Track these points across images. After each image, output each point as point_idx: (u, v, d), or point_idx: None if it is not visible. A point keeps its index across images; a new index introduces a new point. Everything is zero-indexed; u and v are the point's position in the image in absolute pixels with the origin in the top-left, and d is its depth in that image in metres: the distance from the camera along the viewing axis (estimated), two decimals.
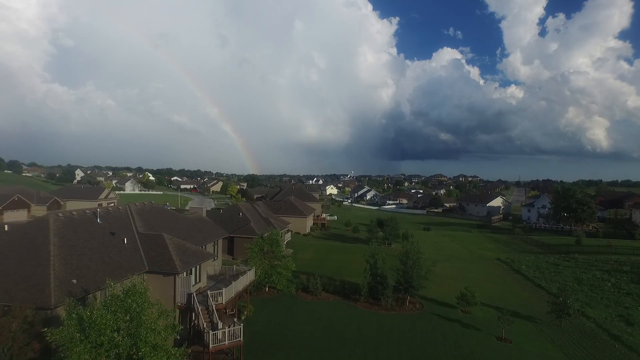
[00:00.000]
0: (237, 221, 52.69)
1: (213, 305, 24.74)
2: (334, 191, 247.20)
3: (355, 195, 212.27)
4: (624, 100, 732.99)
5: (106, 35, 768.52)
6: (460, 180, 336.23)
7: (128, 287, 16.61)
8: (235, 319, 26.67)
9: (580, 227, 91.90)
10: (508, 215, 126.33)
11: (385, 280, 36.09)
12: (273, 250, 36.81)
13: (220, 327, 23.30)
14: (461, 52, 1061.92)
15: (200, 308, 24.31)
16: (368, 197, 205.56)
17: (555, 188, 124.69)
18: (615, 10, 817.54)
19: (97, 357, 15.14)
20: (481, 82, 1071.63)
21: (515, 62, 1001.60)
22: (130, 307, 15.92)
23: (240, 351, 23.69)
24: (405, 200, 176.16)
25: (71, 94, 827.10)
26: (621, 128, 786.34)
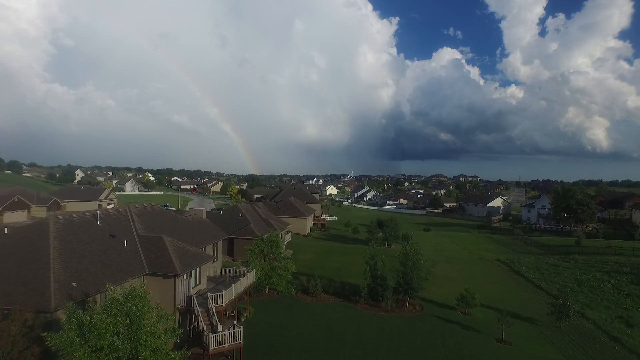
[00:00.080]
0: (237, 222, 52.69)
1: (213, 307, 24.75)
2: (334, 191, 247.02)
3: (355, 196, 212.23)
4: (624, 100, 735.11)
5: (106, 35, 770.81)
6: (461, 180, 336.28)
7: (128, 291, 16.61)
8: (235, 321, 26.67)
9: (580, 227, 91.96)
10: (508, 216, 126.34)
11: (385, 281, 36.08)
12: (273, 251, 36.81)
13: (220, 329, 23.32)
14: (461, 52, 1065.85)
15: (200, 310, 24.34)
16: (368, 197, 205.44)
17: (555, 188, 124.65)
18: (615, 10, 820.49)
19: None
20: (481, 82, 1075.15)
21: (515, 62, 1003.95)
22: (130, 311, 15.92)
23: (240, 353, 23.72)
24: (405, 201, 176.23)
25: (71, 94, 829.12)
26: (621, 128, 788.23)
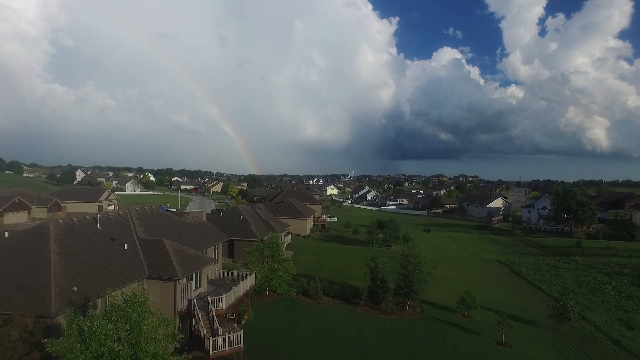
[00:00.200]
0: (237, 224, 52.66)
1: (213, 311, 24.74)
2: (335, 191, 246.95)
3: (356, 196, 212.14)
4: (624, 100, 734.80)
5: (106, 35, 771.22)
6: (461, 180, 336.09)
7: (129, 296, 16.61)
8: (236, 324, 26.71)
9: (581, 228, 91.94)
10: (508, 216, 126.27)
11: (385, 284, 36.06)
12: (273, 254, 36.82)
13: (221, 333, 23.34)
14: (461, 52, 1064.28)
15: (200, 314, 24.34)
16: (368, 197, 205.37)
17: (556, 189, 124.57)
18: (615, 10, 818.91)
19: None
20: (481, 81, 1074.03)
21: (515, 62, 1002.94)
22: (131, 316, 15.93)
23: (240, 357, 23.71)
24: (405, 201, 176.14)
25: (71, 94, 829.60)
26: (621, 128, 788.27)
